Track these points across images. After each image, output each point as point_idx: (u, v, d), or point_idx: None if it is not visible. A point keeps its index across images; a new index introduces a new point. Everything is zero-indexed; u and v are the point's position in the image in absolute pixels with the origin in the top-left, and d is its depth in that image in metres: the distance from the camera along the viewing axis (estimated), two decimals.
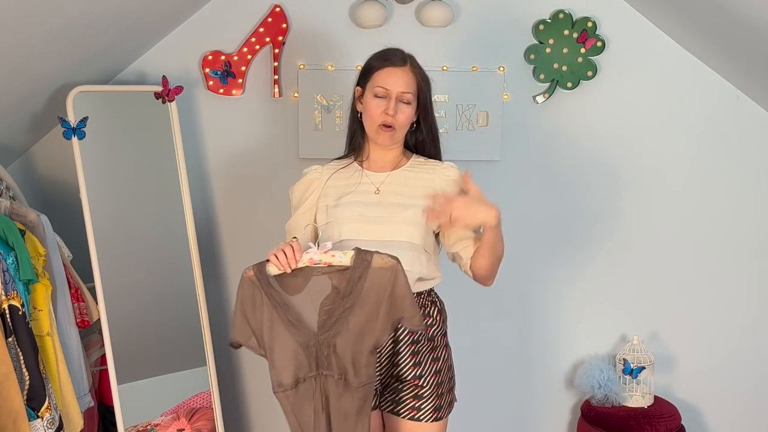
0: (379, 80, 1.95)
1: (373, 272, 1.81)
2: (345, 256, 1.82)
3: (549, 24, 2.75)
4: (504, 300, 2.96)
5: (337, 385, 1.83)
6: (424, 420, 2.00)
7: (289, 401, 1.86)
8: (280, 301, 1.83)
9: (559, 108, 2.84)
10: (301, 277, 1.84)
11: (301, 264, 1.83)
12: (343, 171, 2.06)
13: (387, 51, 2.00)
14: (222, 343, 2.89)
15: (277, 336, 1.84)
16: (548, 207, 2.92)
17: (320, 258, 1.83)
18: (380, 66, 1.96)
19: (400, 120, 1.95)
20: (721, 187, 2.92)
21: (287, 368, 1.84)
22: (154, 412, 2.58)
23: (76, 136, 2.43)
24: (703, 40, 2.72)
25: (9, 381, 1.95)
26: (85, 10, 2.10)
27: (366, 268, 1.81)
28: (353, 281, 1.81)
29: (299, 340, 1.83)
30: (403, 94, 1.94)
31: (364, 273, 1.81)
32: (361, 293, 1.81)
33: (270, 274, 1.84)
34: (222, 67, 2.72)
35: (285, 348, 1.83)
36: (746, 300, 2.99)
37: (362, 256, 1.82)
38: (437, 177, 2.01)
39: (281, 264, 1.82)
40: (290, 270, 1.83)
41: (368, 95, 1.98)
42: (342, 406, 1.84)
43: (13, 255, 2.05)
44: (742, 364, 3.03)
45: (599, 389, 2.82)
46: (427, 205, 1.92)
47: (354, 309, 1.82)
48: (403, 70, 1.95)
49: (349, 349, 1.82)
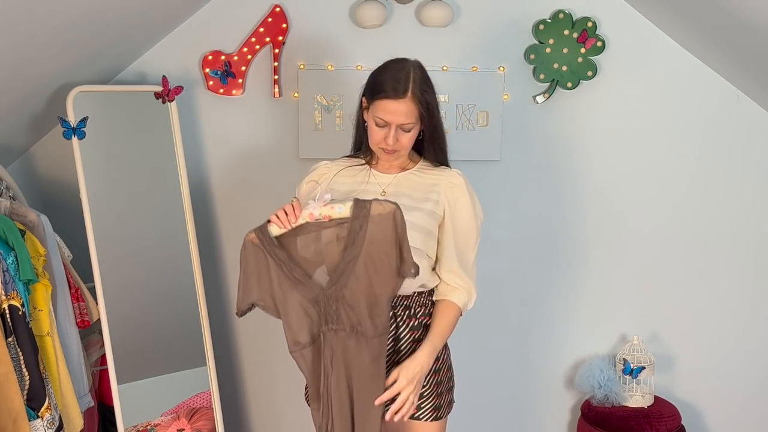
0: (378, 111, 1.90)
1: (373, 220, 1.81)
2: (344, 207, 1.82)
3: (549, 24, 2.75)
4: (504, 300, 2.96)
5: (349, 338, 1.83)
6: (424, 419, 2.00)
7: (305, 359, 1.87)
8: (285, 260, 1.84)
9: (559, 108, 2.84)
10: (303, 234, 1.85)
11: (302, 220, 1.84)
12: (351, 169, 2.06)
13: (391, 74, 1.90)
14: (222, 343, 2.89)
15: (287, 295, 1.84)
16: (548, 207, 2.92)
17: (320, 212, 1.83)
18: (381, 95, 1.89)
19: (401, 144, 1.94)
20: (722, 187, 2.92)
21: (302, 326, 1.85)
22: (154, 412, 2.58)
23: (76, 136, 2.43)
24: (703, 40, 2.72)
25: (9, 381, 1.95)
26: (85, 10, 2.10)
27: (366, 217, 1.81)
28: (355, 231, 1.81)
29: (308, 296, 1.84)
30: (403, 124, 1.91)
31: (364, 222, 1.81)
32: (364, 242, 1.81)
33: (272, 234, 1.84)
34: (222, 67, 2.72)
35: (296, 306, 1.84)
36: (746, 300, 2.99)
37: (361, 205, 1.82)
38: (442, 182, 2.01)
39: (282, 222, 1.83)
40: (291, 227, 1.83)
41: (370, 117, 1.95)
42: (361, 359, 1.83)
43: (13, 255, 2.05)
44: (742, 364, 3.03)
45: (599, 389, 2.82)
46: None
47: (359, 259, 1.81)
48: (403, 102, 1.87)
49: (360, 300, 1.82)
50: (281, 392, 2.94)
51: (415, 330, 1.99)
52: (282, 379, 2.93)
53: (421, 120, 1.93)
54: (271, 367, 2.97)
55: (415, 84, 1.89)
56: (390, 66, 1.94)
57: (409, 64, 1.93)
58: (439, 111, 1.98)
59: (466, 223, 2.00)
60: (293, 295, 1.85)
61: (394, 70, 1.91)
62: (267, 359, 2.96)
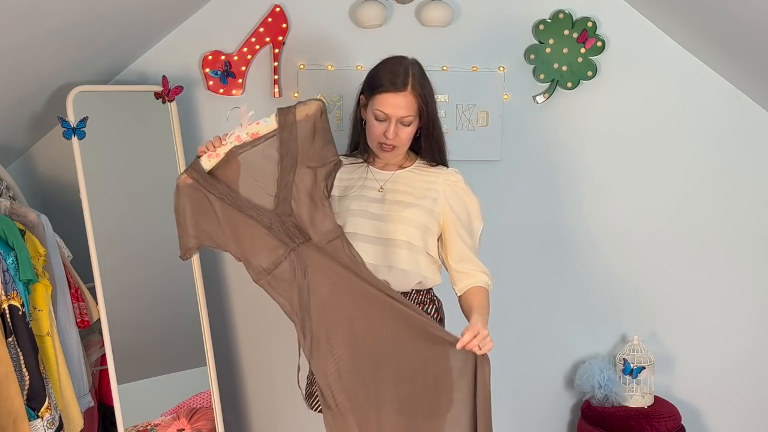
0: (378, 104, 1.92)
1: (301, 124, 1.80)
2: (269, 119, 1.81)
3: (549, 24, 2.75)
4: (504, 300, 2.95)
5: (315, 247, 1.84)
6: None
7: (272, 286, 1.86)
8: (227, 193, 1.82)
9: (559, 108, 2.84)
10: (235, 160, 1.82)
11: (229, 145, 1.81)
12: (350, 166, 2.06)
13: (391, 66, 1.94)
14: (222, 343, 2.89)
15: (239, 225, 1.83)
16: (548, 207, 2.92)
17: (247, 131, 1.81)
18: (381, 89, 1.91)
19: (401, 139, 1.95)
20: (722, 186, 2.92)
21: (262, 252, 1.84)
22: (154, 412, 2.58)
23: (76, 136, 2.43)
24: (703, 40, 2.72)
25: (9, 381, 1.95)
26: (85, 10, 2.10)
27: (293, 124, 1.80)
28: (286, 140, 1.80)
29: (261, 222, 1.83)
30: (403, 118, 1.92)
31: (293, 129, 1.79)
32: (298, 150, 1.80)
33: (205, 169, 1.82)
34: (222, 67, 2.72)
35: (252, 234, 1.83)
36: (746, 300, 2.99)
37: (285, 112, 1.81)
38: (440, 180, 2.01)
39: (210, 151, 1.82)
40: (220, 154, 1.81)
41: (369, 112, 1.96)
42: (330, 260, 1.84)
43: (13, 255, 2.05)
44: (742, 364, 3.03)
45: (599, 389, 2.82)
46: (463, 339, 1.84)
47: (296, 167, 1.81)
48: (403, 96, 1.90)
49: (304, 210, 1.82)
50: (281, 392, 2.94)
51: None
52: (282, 379, 2.92)
53: (420, 114, 1.94)
54: (271, 367, 2.97)
55: (414, 78, 1.92)
56: (388, 62, 1.97)
57: (407, 60, 1.97)
58: (437, 109, 2.00)
59: (467, 214, 2.02)
60: (247, 223, 1.83)
61: (393, 65, 1.94)
62: (267, 359, 2.96)
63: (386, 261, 1.96)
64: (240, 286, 2.91)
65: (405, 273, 1.97)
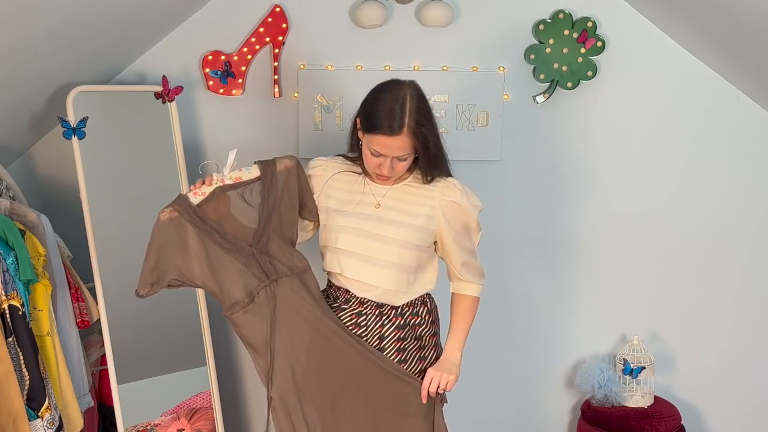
0: (374, 144, 1.90)
1: (280, 174, 2.02)
2: (251, 168, 2.02)
3: (549, 24, 2.75)
4: (504, 300, 2.96)
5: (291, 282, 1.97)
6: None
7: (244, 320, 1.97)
8: (209, 229, 1.95)
9: (559, 108, 2.84)
10: (217, 200, 1.97)
11: (215, 184, 1.97)
12: (347, 174, 2.06)
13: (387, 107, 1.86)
14: (222, 343, 2.89)
15: (218, 261, 1.95)
16: (548, 207, 2.92)
17: (230, 175, 1.99)
18: (376, 131, 1.87)
19: (396, 171, 1.97)
20: (721, 186, 2.92)
21: (236, 286, 1.95)
22: (154, 412, 2.58)
23: (76, 136, 2.43)
24: (703, 40, 2.72)
25: (9, 381, 1.95)
26: (85, 10, 2.10)
27: (273, 173, 2.01)
28: (267, 187, 2.00)
29: (239, 259, 1.95)
30: (398, 156, 1.91)
31: (273, 177, 2.01)
32: (277, 195, 1.98)
33: (192, 203, 1.95)
34: (222, 67, 2.72)
35: (229, 269, 1.95)
36: (746, 300, 2.99)
37: (266, 164, 2.02)
38: (437, 195, 2.02)
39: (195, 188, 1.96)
40: (206, 192, 1.95)
41: (365, 145, 1.94)
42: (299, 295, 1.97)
43: (13, 255, 2.05)
44: (742, 364, 3.03)
45: (599, 389, 2.82)
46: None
47: (275, 210, 1.98)
48: (399, 138, 1.86)
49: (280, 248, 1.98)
50: None
51: (401, 329, 2.02)
52: None
53: (416, 150, 1.94)
54: None
55: (411, 117, 1.85)
56: (385, 97, 1.88)
57: (405, 91, 1.88)
58: (439, 136, 1.95)
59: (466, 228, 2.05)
60: (225, 259, 1.95)
61: (390, 102, 1.86)
62: None
63: (376, 281, 2.00)
64: None
65: (394, 293, 2.02)
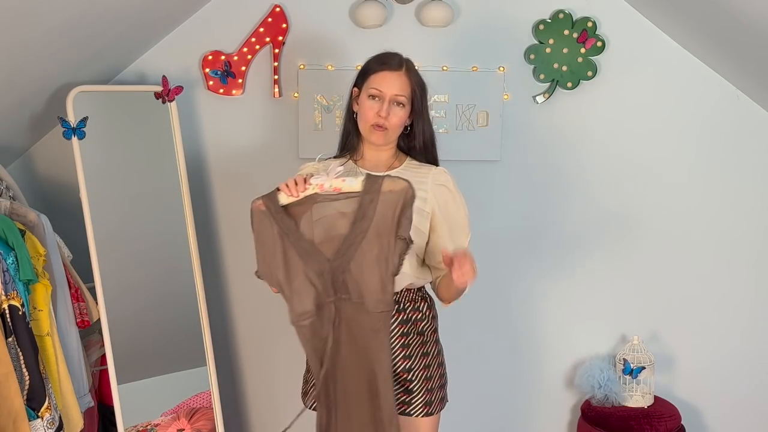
0: (374, 82, 2.00)
1: (384, 196, 1.79)
2: (356, 180, 1.82)
3: (549, 24, 2.75)
4: (503, 300, 2.96)
5: (355, 307, 1.84)
6: (415, 414, 2.03)
7: (310, 330, 1.86)
8: (292, 230, 1.84)
9: (559, 108, 2.84)
10: (310, 204, 1.84)
11: (311, 190, 1.82)
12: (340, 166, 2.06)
13: (385, 54, 2.05)
14: (222, 343, 2.89)
15: (293, 265, 1.84)
16: (548, 207, 2.92)
17: (330, 184, 1.81)
18: (376, 69, 2.01)
19: (392, 122, 1.99)
20: (721, 186, 2.92)
21: (306, 295, 1.85)
22: (154, 412, 2.58)
23: (76, 136, 2.43)
24: (703, 40, 2.72)
25: (9, 381, 1.95)
26: (85, 10, 2.10)
27: (377, 192, 1.80)
28: (365, 206, 1.81)
29: (313, 267, 1.84)
30: (397, 96, 1.98)
31: (375, 197, 1.80)
32: (374, 218, 1.80)
33: (280, 203, 1.84)
34: (222, 67, 2.72)
35: (302, 276, 1.85)
36: (746, 300, 2.99)
37: (373, 180, 1.81)
38: (429, 180, 2.03)
39: (291, 190, 1.83)
40: (299, 196, 1.83)
41: (363, 96, 2.02)
42: (361, 325, 1.84)
43: (13, 255, 2.05)
44: (742, 364, 3.03)
45: (599, 389, 2.82)
46: (447, 253, 1.85)
47: (368, 234, 1.81)
48: (398, 74, 1.99)
49: (364, 274, 1.82)
50: (281, 392, 2.94)
51: (404, 324, 2.03)
52: (282, 379, 2.92)
53: (412, 100, 2.00)
54: (271, 367, 2.97)
55: (408, 65, 2.03)
56: (381, 53, 2.07)
57: (400, 54, 2.06)
58: (428, 106, 2.06)
59: (456, 215, 2.05)
60: (299, 265, 1.85)
61: (390, 53, 2.05)
62: (267, 359, 2.96)
63: None
64: (240, 286, 2.91)
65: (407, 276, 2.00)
